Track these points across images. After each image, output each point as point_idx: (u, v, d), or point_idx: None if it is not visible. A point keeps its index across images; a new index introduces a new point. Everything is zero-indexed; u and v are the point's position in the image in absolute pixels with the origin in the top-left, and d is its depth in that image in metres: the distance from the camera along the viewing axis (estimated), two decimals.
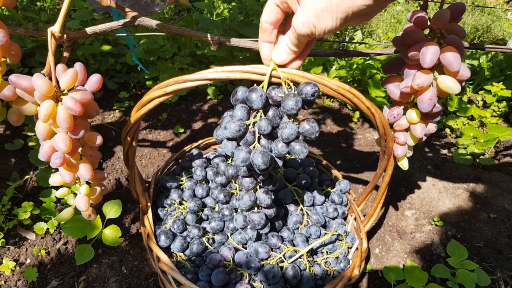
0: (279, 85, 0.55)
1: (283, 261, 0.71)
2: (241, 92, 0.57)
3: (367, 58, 1.68)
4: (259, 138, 0.58)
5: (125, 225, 0.98)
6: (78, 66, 0.54)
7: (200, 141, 1.04)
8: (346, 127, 1.50)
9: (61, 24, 0.52)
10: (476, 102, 1.65)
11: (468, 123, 1.51)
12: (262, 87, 0.55)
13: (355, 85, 1.70)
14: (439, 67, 0.56)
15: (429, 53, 0.53)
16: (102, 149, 1.23)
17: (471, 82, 1.72)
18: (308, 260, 0.74)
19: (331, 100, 1.68)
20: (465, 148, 1.32)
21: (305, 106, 0.55)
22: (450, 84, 0.54)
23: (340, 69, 1.71)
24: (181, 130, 1.38)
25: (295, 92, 0.53)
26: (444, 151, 1.36)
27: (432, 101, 0.57)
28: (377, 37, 2.54)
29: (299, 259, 0.73)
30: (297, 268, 0.69)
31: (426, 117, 0.63)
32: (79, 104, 0.51)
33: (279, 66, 0.54)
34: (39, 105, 0.51)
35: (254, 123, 0.57)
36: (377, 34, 2.57)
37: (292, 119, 0.56)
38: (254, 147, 0.57)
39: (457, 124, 1.48)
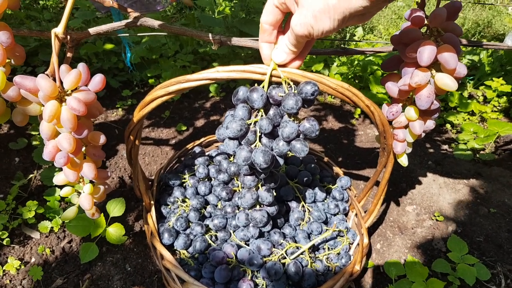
0: (279, 84, 0.56)
1: (285, 258, 0.72)
2: (242, 92, 0.58)
3: (368, 55, 1.68)
4: (260, 137, 0.59)
5: (128, 223, 0.99)
6: (81, 66, 0.55)
7: (202, 139, 1.05)
8: (347, 123, 1.51)
9: (64, 25, 0.53)
10: (476, 97, 1.65)
11: (468, 119, 1.51)
12: (263, 87, 0.55)
13: (357, 81, 1.70)
14: (436, 65, 0.57)
15: (426, 52, 0.53)
16: (105, 148, 1.24)
17: (471, 77, 1.72)
18: (310, 256, 0.75)
19: (333, 97, 1.68)
20: (465, 144, 1.33)
21: (305, 105, 0.56)
22: (447, 82, 0.55)
23: (341, 65, 1.71)
24: (184, 128, 1.39)
25: (295, 92, 0.54)
26: (445, 147, 1.37)
27: (430, 99, 0.57)
28: (378, 33, 2.54)
29: (301, 256, 0.74)
30: (299, 264, 0.70)
31: (424, 114, 0.64)
32: (83, 104, 0.52)
33: (279, 65, 0.54)
34: (43, 106, 0.51)
35: (255, 123, 0.58)
36: (379, 30, 2.57)
37: (293, 118, 0.57)
38: (255, 146, 0.58)
39: (457, 120, 1.48)
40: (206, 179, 0.91)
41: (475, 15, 2.88)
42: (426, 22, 0.58)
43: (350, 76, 1.70)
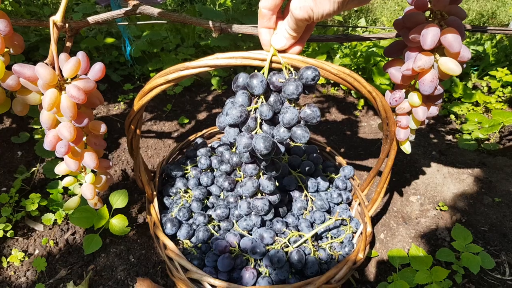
0: (280, 70, 0.55)
1: (288, 246, 0.72)
2: (242, 78, 0.57)
3: (371, 45, 1.67)
4: (260, 124, 0.58)
5: (132, 214, 0.99)
6: (81, 55, 0.55)
7: (204, 131, 1.05)
8: (350, 115, 1.50)
9: (62, 13, 0.53)
10: (481, 88, 1.63)
11: (473, 109, 1.50)
12: (263, 73, 0.55)
13: (360, 73, 1.69)
14: (440, 49, 0.56)
15: (429, 35, 0.52)
16: (108, 141, 1.24)
17: (475, 68, 1.71)
18: (312, 245, 0.74)
19: (336, 89, 1.67)
20: (469, 134, 1.32)
21: (306, 91, 0.55)
22: (451, 66, 0.54)
23: (344, 57, 1.70)
24: (186, 121, 1.39)
25: (296, 77, 0.53)
26: (449, 137, 1.36)
27: (433, 83, 0.57)
28: (381, 25, 2.52)
29: (304, 244, 0.74)
30: (302, 253, 0.70)
31: (428, 100, 0.63)
32: (82, 92, 0.51)
33: (279, 51, 0.53)
34: (43, 94, 0.51)
35: (255, 109, 0.58)
36: (381, 22, 2.55)
37: (293, 104, 0.56)
38: (256, 132, 0.58)
39: (461, 110, 1.47)
40: (209, 170, 0.90)
41: (479, 6, 2.86)
42: (429, 6, 0.57)
43: (353, 68, 1.69)
